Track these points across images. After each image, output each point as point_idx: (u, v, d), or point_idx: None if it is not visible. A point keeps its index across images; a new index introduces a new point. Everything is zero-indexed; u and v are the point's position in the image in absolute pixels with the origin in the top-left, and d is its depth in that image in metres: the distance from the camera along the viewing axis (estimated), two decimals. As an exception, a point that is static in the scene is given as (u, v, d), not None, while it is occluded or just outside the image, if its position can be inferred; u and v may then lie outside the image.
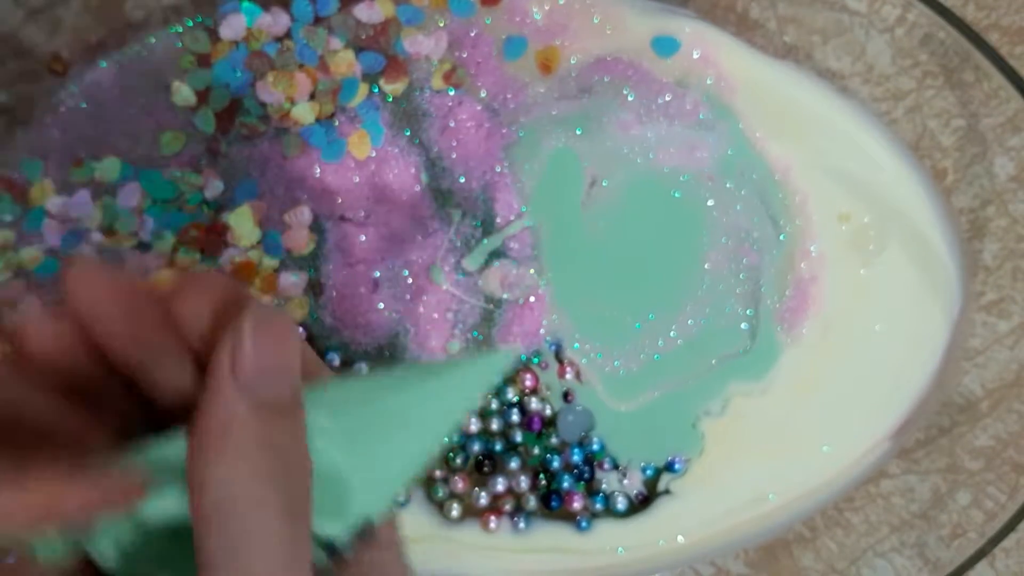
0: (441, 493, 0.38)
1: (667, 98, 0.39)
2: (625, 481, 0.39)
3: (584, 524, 0.38)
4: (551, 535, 0.38)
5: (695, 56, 0.39)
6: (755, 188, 0.39)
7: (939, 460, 0.39)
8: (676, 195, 0.39)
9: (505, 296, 0.39)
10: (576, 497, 0.38)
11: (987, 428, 0.38)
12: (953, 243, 0.39)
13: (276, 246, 0.38)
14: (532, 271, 0.39)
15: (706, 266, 0.39)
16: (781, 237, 0.39)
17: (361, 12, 0.39)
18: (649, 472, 0.39)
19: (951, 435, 0.39)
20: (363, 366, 0.39)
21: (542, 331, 0.39)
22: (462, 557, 0.38)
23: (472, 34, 0.39)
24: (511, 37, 0.39)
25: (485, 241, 0.39)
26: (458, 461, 0.39)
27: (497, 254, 0.39)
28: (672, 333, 0.39)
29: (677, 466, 0.39)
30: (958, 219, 0.39)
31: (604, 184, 0.39)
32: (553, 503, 0.38)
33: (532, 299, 0.39)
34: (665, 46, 0.39)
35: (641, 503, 0.39)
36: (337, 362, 0.39)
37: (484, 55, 0.39)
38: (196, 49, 0.38)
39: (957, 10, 0.40)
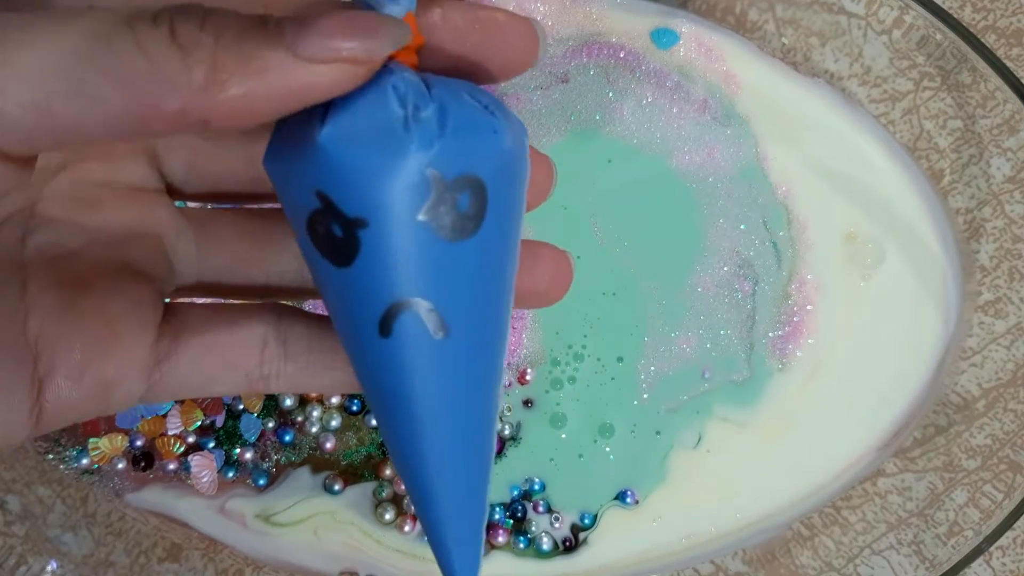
0: (384, 492, 0.38)
1: (670, 85, 0.39)
2: (556, 525, 0.38)
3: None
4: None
5: (696, 54, 0.39)
6: (759, 210, 0.39)
7: (936, 459, 0.39)
8: (677, 207, 0.39)
9: None
10: (501, 532, 0.38)
11: (984, 427, 0.39)
12: (950, 244, 0.39)
13: None
14: None
15: (699, 290, 0.39)
16: (777, 266, 0.39)
17: None
18: (587, 520, 0.39)
19: (948, 434, 0.39)
20: None
21: (522, 352, 0.39)
22: (362, 547, 0.38)
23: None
24: None
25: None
26: None
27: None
28: (665, 359, 0.39)
29: (628, 500, 0.39)
30: (955, 220, 0.40)
31: (597, 189, 0.39)
32: None
33: (515, 318, 0.38)
34: (664, 38, 0.39)
35: (566, 549, 0.39)
36: None
37: None
38: None
39: (954, 12, 0.40)
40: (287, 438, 0.39)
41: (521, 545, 0.38)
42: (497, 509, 0.38)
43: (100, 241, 0.20)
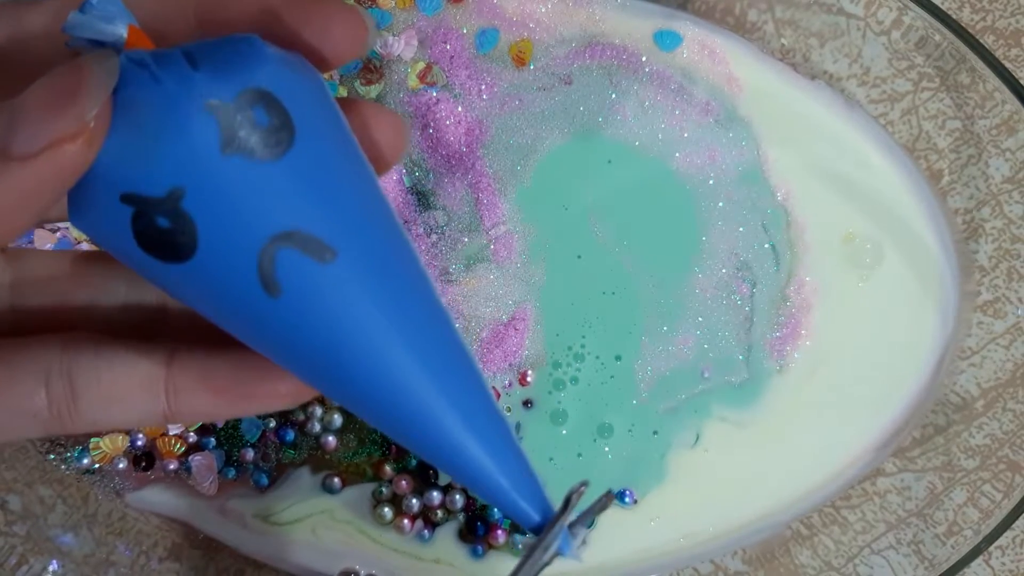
0: (384, 492, 0.38)
1: (673, 87, 0.39)
2: None
3: (479, 551, 0.38)
4: (442, 549, 0.38)
5: (699, 56, 0.39)
6: (758, 212, 0.39)
7: (935, 459, 0.39)
8: (677, 208, 0.39)
9: (489, 310, 0.38)
10: (500, 531, 0.38)
11: (983, 427, 0.39)
12: (948, 244, 0.39)
13: None
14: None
15: (697, 291, 0.39)
16: (775, 268, 0.39)
17: None
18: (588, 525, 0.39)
19: (947, 434, 0.39)
20: None
21: (524, 353, 0.39)
22: (360, 545, 0.38)
23: (442, 31, 0.39)
24: (483, 29, 0.39)
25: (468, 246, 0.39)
26: (413, 463, 0.39)
27: (482, 259, 0.39)
28: (663, 359, 0.39)
29: (626, 499, 0.39)
30: (953, 220, 0.40)
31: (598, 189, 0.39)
32: (479, 530, 0.38)
33: (517, 319, 0.38)
34: (667, 40, 0.39)
35: None
36: None
37: (457, 50, 0.39)
38: None
39: (953, 13, 0.40)
40: (288, 437, 0.39)
41: (520, 545, 0.38)
42: (495, 510, 0.38)
43: None
